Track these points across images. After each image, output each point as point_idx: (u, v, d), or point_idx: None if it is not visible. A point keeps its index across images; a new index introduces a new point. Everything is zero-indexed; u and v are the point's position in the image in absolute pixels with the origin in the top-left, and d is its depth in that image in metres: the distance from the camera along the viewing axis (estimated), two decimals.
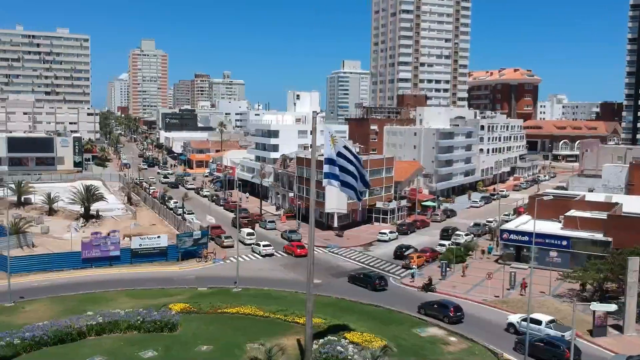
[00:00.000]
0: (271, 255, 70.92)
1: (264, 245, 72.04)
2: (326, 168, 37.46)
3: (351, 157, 37.78)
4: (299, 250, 70.53)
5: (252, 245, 74.24)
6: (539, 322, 43.94)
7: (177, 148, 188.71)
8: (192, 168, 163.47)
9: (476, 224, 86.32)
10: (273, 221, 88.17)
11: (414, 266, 62.66)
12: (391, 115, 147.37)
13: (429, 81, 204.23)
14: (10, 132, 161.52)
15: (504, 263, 66.55)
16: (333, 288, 57.19)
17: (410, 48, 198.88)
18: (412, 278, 60.08)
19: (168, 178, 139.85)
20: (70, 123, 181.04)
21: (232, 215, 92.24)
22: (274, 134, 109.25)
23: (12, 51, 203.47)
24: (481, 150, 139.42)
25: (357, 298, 53.54)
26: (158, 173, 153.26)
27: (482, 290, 56.72)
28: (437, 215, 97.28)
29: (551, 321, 44.54)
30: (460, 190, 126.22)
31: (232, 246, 74.07)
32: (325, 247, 75.92)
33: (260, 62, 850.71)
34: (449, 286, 58.51)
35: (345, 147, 37.88)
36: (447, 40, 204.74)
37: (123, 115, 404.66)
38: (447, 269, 62.59)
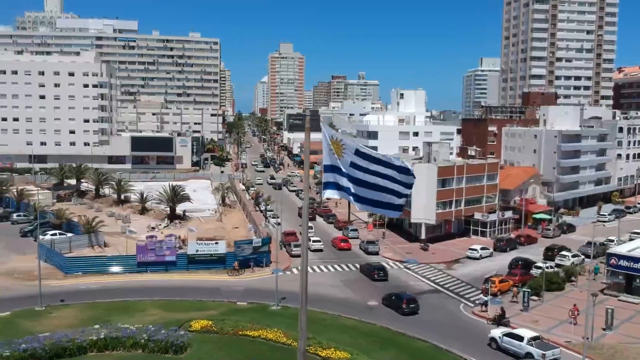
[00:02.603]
0: (320, 250, 71.33)
1: (313, 241, 72.08)
2: (326, 177, 30.67)
3: (368, 165, 30.48)
4: (342, 244, 73.45)
5: None
6: (520, 339, 41.20)
7: (296, 149, 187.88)
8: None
9: (589, 243, 73.15)
10: (356, 229, 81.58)
11: (487, 294, 52.83)
12: (514, 116, 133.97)
13: (567, 78, 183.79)
14: (140, 131, 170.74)
15: (612, 294, 54.75)
16: (386, 313, 49.75)
17: (544, 42, 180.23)
18: (485, 307, 50.71)
19: (275, 179, 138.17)
20: (195, 123, 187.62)
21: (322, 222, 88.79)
22: (373, 135, 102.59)
23: (149, 55, 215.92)
24: (619, 155, 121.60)
25: (405, 329, 45.54)
26: (231, 175, 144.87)
27: (570, 328, 46.22)
28: (550, 230, 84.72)
29: (534, 338, 41.07)
30: (591, 201, 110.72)
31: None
32: (403, 261, 68.17)
33: (396, 63, 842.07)
34: (529, 320, 48.50)
35: (358, 152, 30.68)
36: (589, 32, 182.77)
37: (261, 116, 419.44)
38: (533, 298, 52.43)
